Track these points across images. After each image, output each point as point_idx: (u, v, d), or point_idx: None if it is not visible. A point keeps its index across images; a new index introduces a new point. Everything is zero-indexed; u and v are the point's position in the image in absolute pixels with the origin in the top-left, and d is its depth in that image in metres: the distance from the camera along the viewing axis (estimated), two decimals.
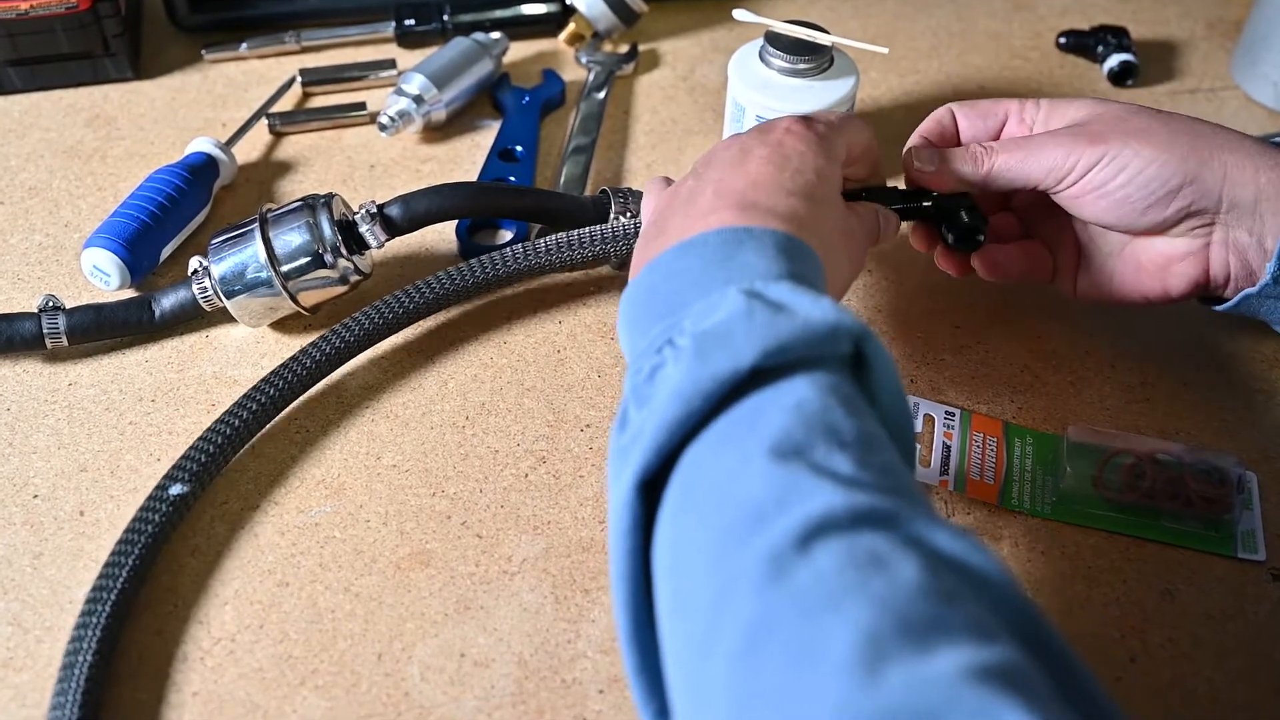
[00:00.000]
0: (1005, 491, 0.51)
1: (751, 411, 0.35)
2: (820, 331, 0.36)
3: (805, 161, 0.45)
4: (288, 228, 0.54)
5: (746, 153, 0.46)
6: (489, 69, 0.70)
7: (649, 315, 0.40)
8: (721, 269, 0.40)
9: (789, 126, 0.47)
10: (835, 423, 0.35)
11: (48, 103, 0.70)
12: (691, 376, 0.35)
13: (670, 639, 0.33)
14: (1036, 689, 0.28)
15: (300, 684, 0.45)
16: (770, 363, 0.36)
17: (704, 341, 0.36)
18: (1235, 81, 0.74)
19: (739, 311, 0.37)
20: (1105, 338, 0.58)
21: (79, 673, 0.43)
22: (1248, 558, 0.49)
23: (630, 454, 0.36)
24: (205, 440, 0.50)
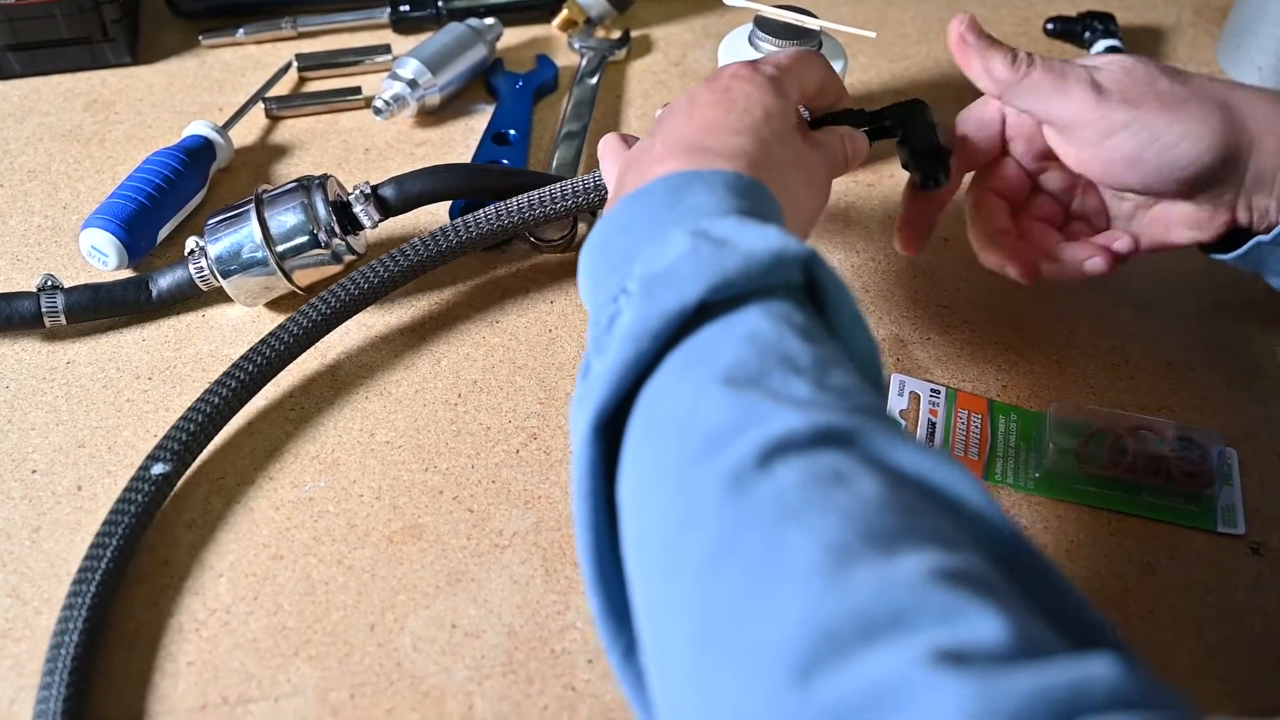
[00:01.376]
0: (989, 467, 0.52)
1: (704, 344, 0.35)
2: (765, 261, 0.36)
3: (752, 100, 0.45)
4: (283, 208, 0.55)
5: (694, 101, 0.46)
6: (483, 54, 0.71)
7: (606, 268, 0.41)
8: (670, 213, 0.40)
9: (735, 71, 0.47)
10: (789, 349, 0.34)
11: (47, 87, 0.71)
12: (640, 317, 0.36)
13: (635, 569, 0.34)
14: (1003, 592, 0.28)
15: (294, 654, 0.45)
16: (718, 297, 0.36)
17: (650, 283, 0.36)
18: (1221, 67, 0.75)
19: (685, 252, 0.37)
20: (1089, 317, 0.59)
21: (63, 661, 0.43)
22: (1227, 532, 0.50)
23: (587, 399, 0.36)
24: (186, 420, 0.50)
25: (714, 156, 0.42)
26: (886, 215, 0.64)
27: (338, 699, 0.44)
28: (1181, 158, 0.47)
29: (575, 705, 0.44)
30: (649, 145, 0.45)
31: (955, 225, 0.64)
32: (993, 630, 0.26)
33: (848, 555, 0.28)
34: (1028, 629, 0.27)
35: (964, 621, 0.26)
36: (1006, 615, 0.26)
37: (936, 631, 0.26)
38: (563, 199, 0.56)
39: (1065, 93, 0.48)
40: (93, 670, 0.44)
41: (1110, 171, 0.49)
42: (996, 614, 0.26)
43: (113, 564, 0.46)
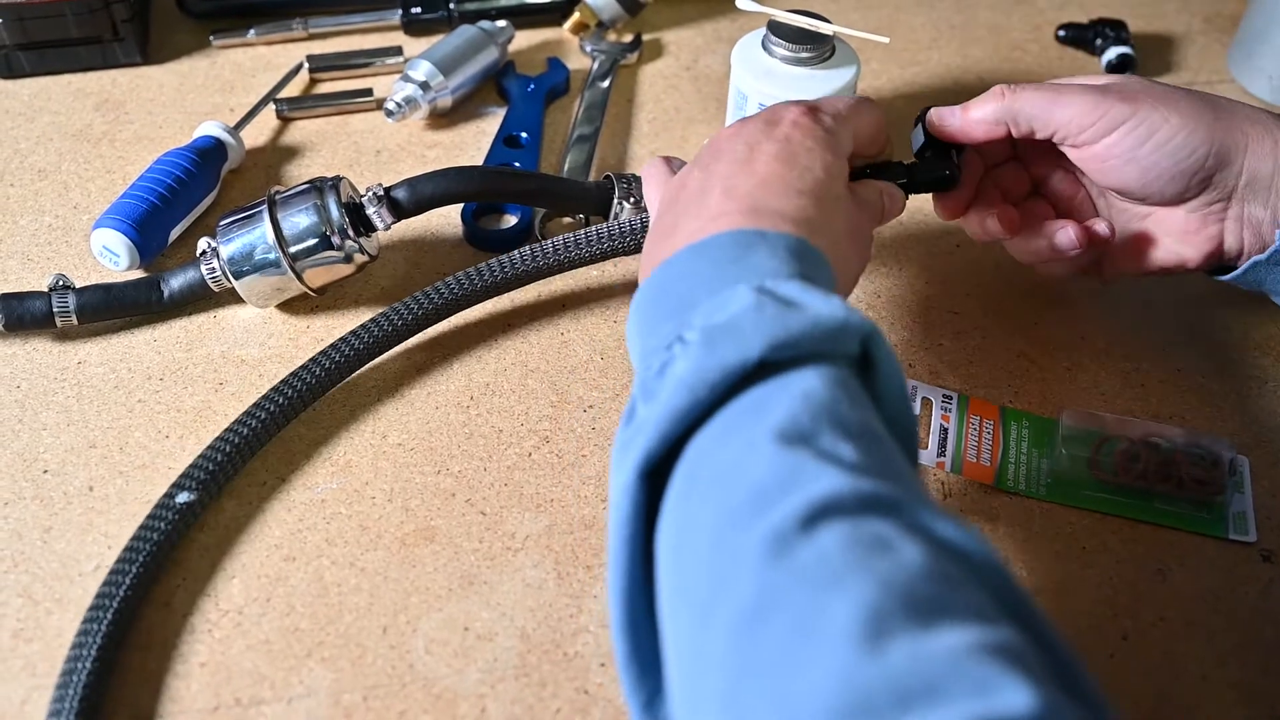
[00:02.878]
0: (1001, 473, 0.52)
1: (758, 400, 0.35)
2: (829, 328, 0.36)
3: (813, 158, 0.45)
4: (296, 209, 0.55)
5: (754, 148, 0.45)
6: (494, 57, 0.71)
7: (660, 314, 0.40)
8: (733, 268, 0.40)
9: (796, 119, 0.47)
10: (841, 413, 0.35)
11: (57, 87, 0.71)
12: (698, 366, 0.36)
13: (670, 620, 0.34)
14: (1036, 667, 0.28)
15: (307, 656, 0.45)
16: (778, 356, 0.36)
17: (712, 334, 0.37)
18: (1232, 75, 0.75)
19: (748, 306, 0.37)
20: (1100, 324, 0.59)
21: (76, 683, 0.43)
22: (1239, 539, 0.50)
23: (634, 443, 0.36)
24: (214, 449, 0.50)
25: (777, 217, 0.42)
26: (898, 222, 0.64)
27: (350, 701, 0.44)
28: (1177, 150, 0.48)
29: (588, 709, 0.44)
30: (706, 187, 0.45)
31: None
32: (1025, 703, 0.26)
33: (887, 623, 0.28)
34: (1059, 704, 0.27)
35: (997, 695, 0.26)
36: (1039, 690, 0.27)
37: (969, 704, 0.26)
38: (609, 238, 0.56)
39: (1063, 100, 0.50)
40: (103, 701, 0.44)
41: (1110, 168, 0.50)
42: (1030, 688, 0.26)
43: (131, 592, 0.45)
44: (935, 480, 0.52)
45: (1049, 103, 0.50)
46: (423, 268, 0.61)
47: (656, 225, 0.46)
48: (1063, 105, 0.50)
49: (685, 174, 0.47)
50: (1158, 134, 0.48)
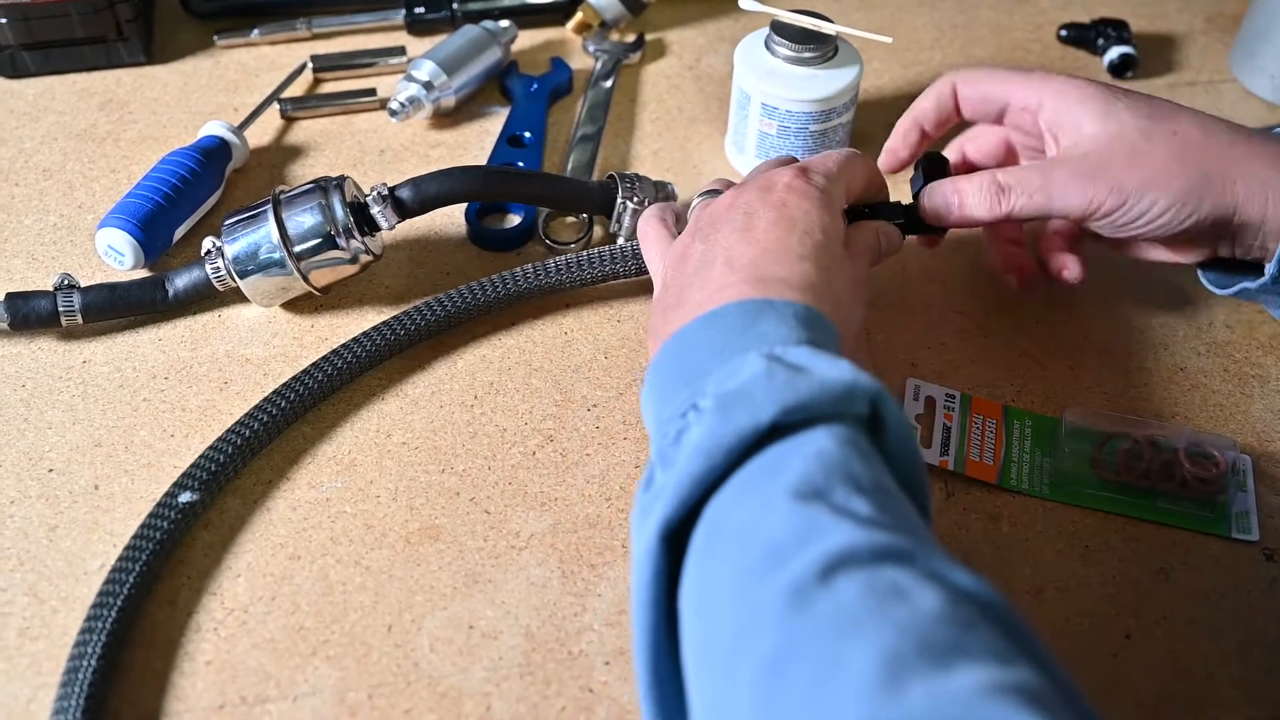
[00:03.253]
0: (1004, 472, 0.52)
1: (772, 461, 0.36)
2: (837, 390, 0.37)
3: (811, 221, 0.46)
4: (300, 209, 0.55)
5: (752, 216, 0.46)
6: (498, 57, 0.71)
7: (674, 384, 0.42)
8: (742, 337, 0.41)
9: (789, 183, 0.48)
10: (853, 470, 0.36)
11: (61, 86, 0.71)
12: (713, 432, 0.37)
13: (695, 675, 0.34)
14: (1054, 707, 0.29)
15: (312, 654, 0.46)
16: (790, 419, 0.37)
17: (726, 401, 0.38)
18: (1233, 74, 0.75)
19: (760, 373, 0.38)
20: (1103, 323, 0.59)
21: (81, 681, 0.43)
22: (1241, 538, 0.50)
23: (654, 508, 0.37)
24: (215, 449, 0.50)
25: (782, 285, 0.43)
26: None
27: (355, 699, 0.44)
28: (1165, 225, 0.50)
29: (593, 707, 0.44)
30: (708, 258, 0.46)
31: (968, 232, 0.64)
32: None
33: (904, 667, 0.29)
34: None
35: None
36: None
37: None
38: (611, 261, 0.57)
39: (1055, 197, 0.51)
40: (108, 699, 0.44)
41: (1097, 227, 0.52)
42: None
43: (133, 591, 0.46)
44: (938, 479, 0.52)
45: (1045, 200, 0.51)
46: (427, 267, 0.61)
47: (662, 297, 0.48)
48: (1056, 199, 0.51)
49: (686, 244, 0.48)
50: (1148, 213, 0.50)
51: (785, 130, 0.63)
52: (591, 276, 0.58)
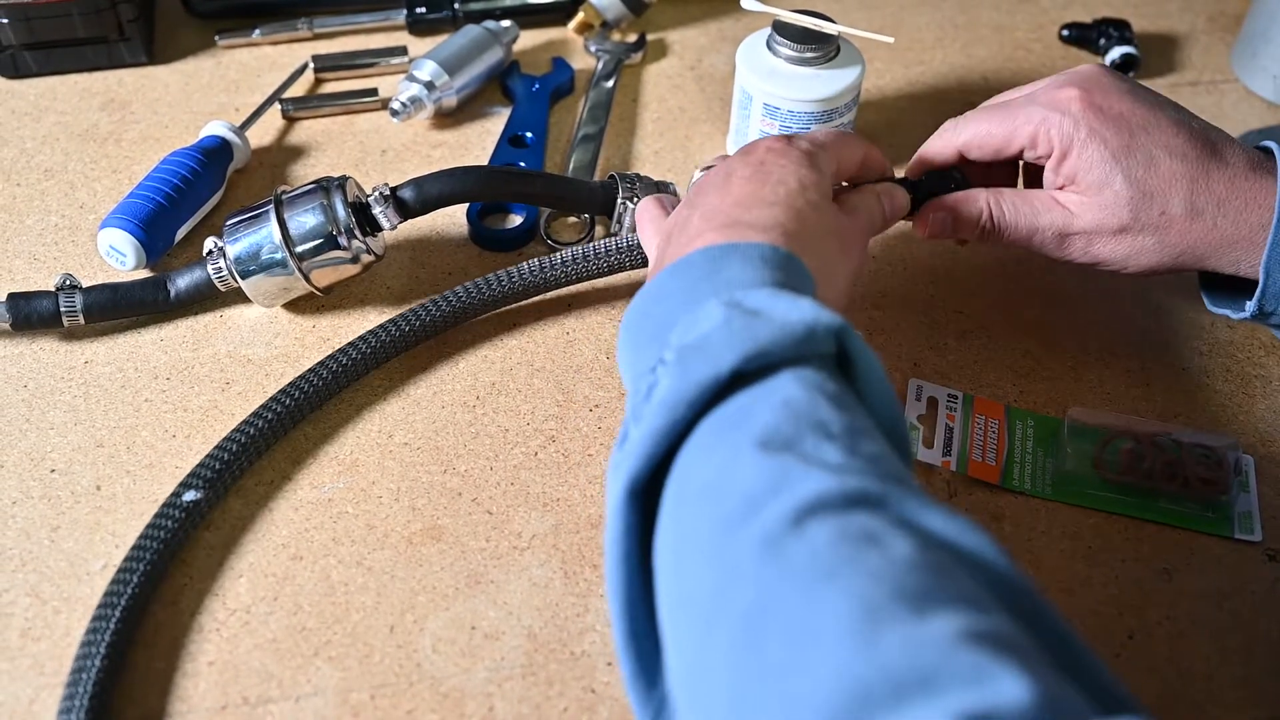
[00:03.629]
0: (1007, 472, 0.52)
1: (738, 410, 0.36)
2: (798, 332, 0.37)
3: (786, 173, 0.46)
4: (302, 209, 0.55)
5: (730, 175, 0.47)
6: (499, 56, 0.71)
7: (643, 338, 0.42)
8: (707, 283, 0.41)
9: (770, 145, 0.48)
10: (821, 416, 0.35)
11: (63, 86, 0.71)
12: (674, 386, 0.36)
13: (672, 631, 0.34)
14: (1030, 655, 0.28)
15: (314, 654, 0.46)
16: (751, 366, 0.36)
17: (685, 354, 0.37)
18: (1235, 74, 0.75)
19: (718, 322, 0.38)
20: (1105, 323, 0.59)
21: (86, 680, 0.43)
22: (1244, 538, 0.50)
23: (623, 465, 0.37)
24: (221, 449, 0.50)
25: (749, 229, 0.43)
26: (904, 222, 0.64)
27: (358, 700, 0.44)
28: (1157, 266, 0.51)
29: (595, 707, 0.44)
30: (687, 217, 0.46)
31: None
32: (1019, 692, 0.26)
33: (879, 615, 0.29)
34: (1054, 691, 0.27)
35: (991, 683, 0.27)
36: (1033, 677, 0.27)
37: (964, 694, 0.26)
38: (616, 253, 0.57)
39: (1041, 219, 0.51)
40: (113, 699, 0.44)
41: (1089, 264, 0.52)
42: (1023, 676, 0.27)
43: (138, 590, 0.46)
44: (941, 479, 0.52)
45: (1029, 225, 0.51)
46: (428, 267, 0.61)
47: (653, 262, 0.48)
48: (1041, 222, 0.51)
49: (676, 212, 0.48)
50: (1130, 264, 0.51)
51: (787, 130, 0.63)
52: (595, 270, 0.57)
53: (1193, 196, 0.49)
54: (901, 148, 0.69)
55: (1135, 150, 0.49)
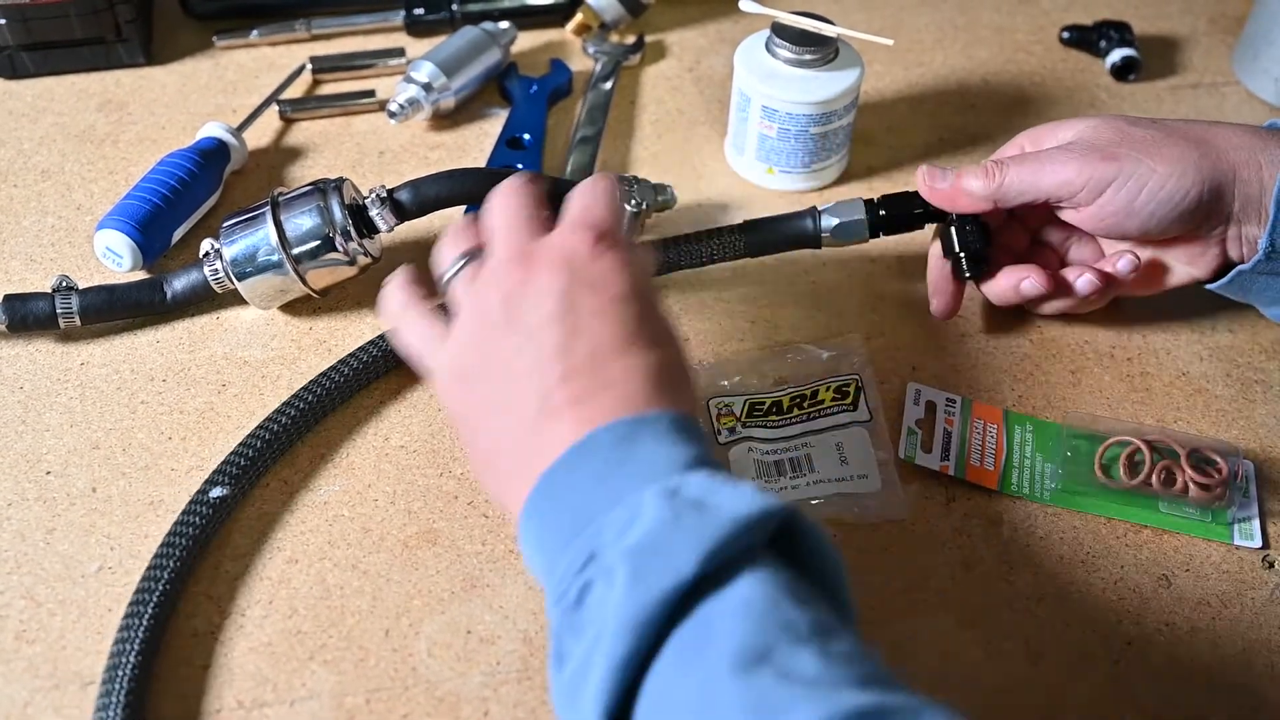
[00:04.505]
0: (1005, 477, 0.52)
1: (701, 624, 0.33)
2: (751, 522, 0.35)
3: (627, 287, 0.41)
4: (299, 211, 0.54)
5: (572, 304, 0.40)
6: (497, 58, 0.71)
7: (557, 531, 0.37)
8: (624, 468, 0.37)
9: (590, 253, 0.41)
10: (787, 617, 0.33)
11: (60, 87, 0.71)
12: (635, 603, 0.33)
13: None
14: None
15: (309, 658, 0.45)
16: (711, 568, 0.34)
17: (637, 559, 0.34)
18: (1237, 76, 0.75)
19: (664, 518, 0.35)
20: (1104, 328, 0.59)
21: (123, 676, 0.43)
22: (1244, 545, 0.50)
23: (582, 695, 0.34)
24: (245, 445, 0.50)
25: (641, 392, 0.39)
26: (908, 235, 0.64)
27: (353, 704, 0.44)
28: (1171, 197, 0.50)
29: None
30: (535, 364, 0.39)
31: None
32: None
33: None
34: None
35: None
36: None
37: None
38: None
39: (1047, 172, 0.51)
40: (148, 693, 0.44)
41: (1108, 224, 0.52)
42: None
43: (169, 585, 0.46)
44: (939, 484, 0.52)
45: (1034, 174, 0.51)
46: (425, 270, 0.61)
47: (482, 407, 0.41)
48: (1048, 173, 0.51)
49: (484, 337, 0.41)
50: (1148, 185, 0.49)
51: (785, 133, 0.63)
52: None
53: (1190, 130, 0.50)
54: (901, 150, 0.69)
55: None
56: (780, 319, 0.59)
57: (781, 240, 0.57)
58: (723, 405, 0.53)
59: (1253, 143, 0.50)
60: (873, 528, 0.50)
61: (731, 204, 0.65)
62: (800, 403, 0.53)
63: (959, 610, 0.47)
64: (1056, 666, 0.46)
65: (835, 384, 0.54)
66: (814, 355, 0.56)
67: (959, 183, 0.53)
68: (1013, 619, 0.47)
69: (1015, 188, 0.51)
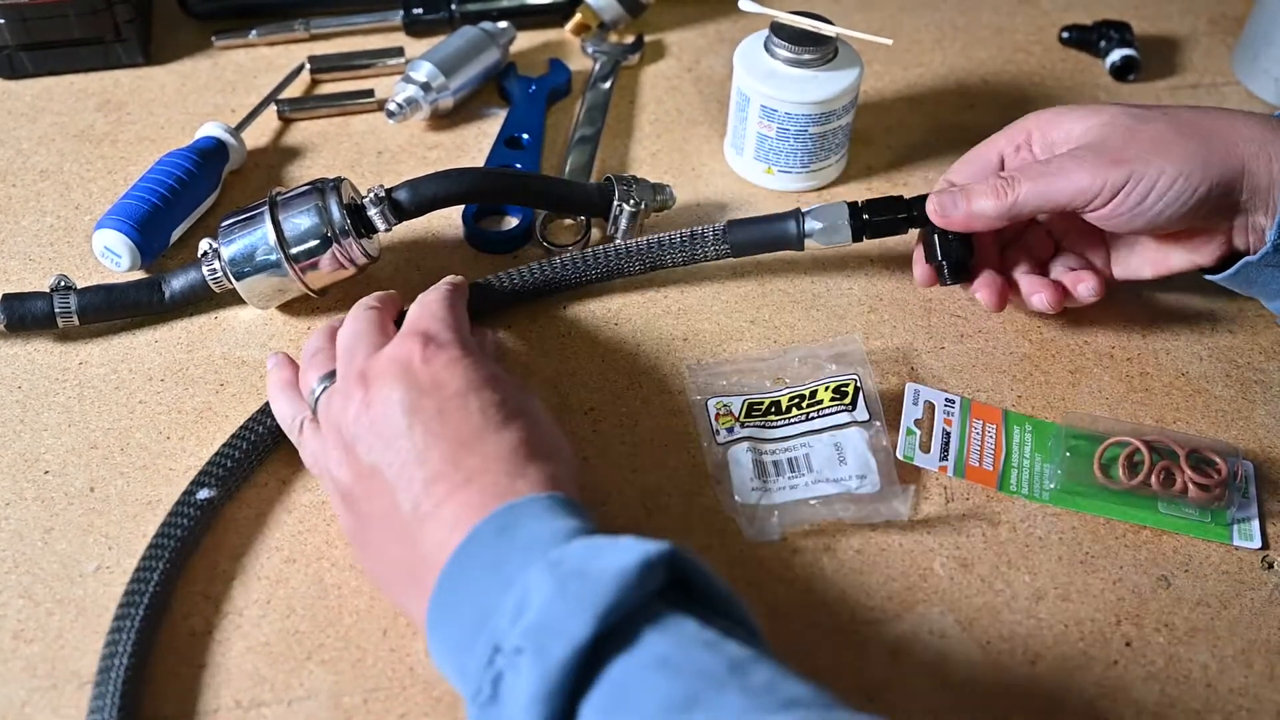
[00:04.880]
0: (1004, 477, 0.52)
1: (617, 686, 0.34)
2: (635, 574, 0.35)
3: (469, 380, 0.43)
4: (297, 211, 0.54)
5: (415, 411, 0.42)
6: (496, 58, 0.71)
7: (461, 631, 0.38)
8: (510, 556, 0.38)
9: (424, 357, 0.43)
10: (702, 664, 0.34)
11: (59, 87, 0.71)
12: (538, 676, 0.34)
13: None
14: None
15: (307, 658, 0.45)
16: (607, 627, 0.35)
17: (536, 637, 0.35)
18: (1236, 77, 0.75)
19: (551, 592, 0.35)
20: (1104, 328, 0.59)
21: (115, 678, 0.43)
22: (1243, 545, 0.50)
23: None
24: (231, 446, 0.50)
25: (505, 476, 0.40)
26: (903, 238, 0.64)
27: (351, 704, 0.44)
28: (1179, 196, 0.50)
29: None
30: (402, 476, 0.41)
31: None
32: None
33: None
34: None
35: None
36: None
37: None
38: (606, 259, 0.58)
39: (1060, 183, 0.51)
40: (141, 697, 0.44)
41: (1116, 223, 0.52)
42: None
43: (159, 587, 0.46)
44: (938, 484, 0.52)
45: (1047, 186, 0.51)
46: (424, 270, 0.61)
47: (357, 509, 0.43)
48: (1062, 184, 0.51)
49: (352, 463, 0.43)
50: (1157, 186, 0.50)
51: (785, 132, 0.63)
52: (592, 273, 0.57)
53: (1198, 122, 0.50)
54: (900, 150, 0.69)
55: None
56: (779, 319, 0.59)
57: (765, 242, 0.58)
58: (721, 405, 0.53)
59: (1263, 134, 0.50)
60: (871, 528, 0.50)
61: (730, 204, 0.65)
62: (799, 403, 0.53)
63: (957, 611, 0.47)
64: (1055, 667, 0.46)
65: (834, 384, 0.53)
66: (812, 355, 0.56)
67: (970, 208, 0.52)
68: (1011, 619, 0.47)
69: (1030, 203, 0.51)
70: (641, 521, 0.50)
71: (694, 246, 0.57)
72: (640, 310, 0.59)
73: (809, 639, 0.46)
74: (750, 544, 0.49)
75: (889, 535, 0.50)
